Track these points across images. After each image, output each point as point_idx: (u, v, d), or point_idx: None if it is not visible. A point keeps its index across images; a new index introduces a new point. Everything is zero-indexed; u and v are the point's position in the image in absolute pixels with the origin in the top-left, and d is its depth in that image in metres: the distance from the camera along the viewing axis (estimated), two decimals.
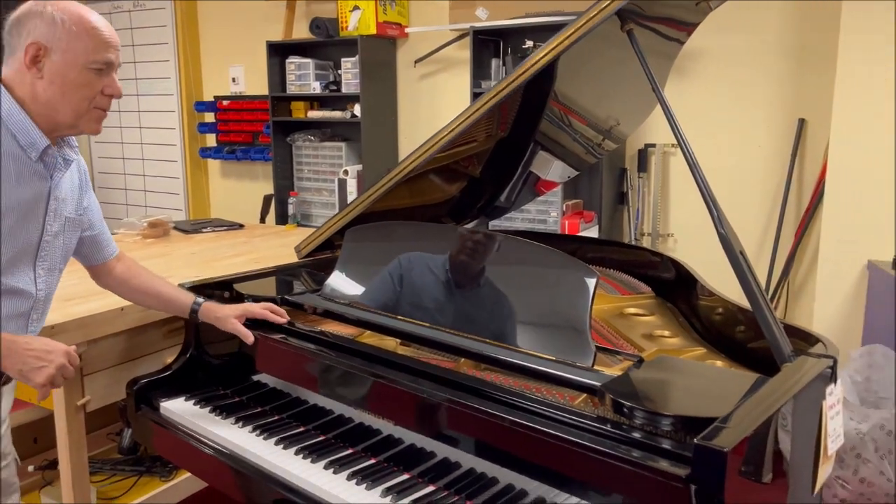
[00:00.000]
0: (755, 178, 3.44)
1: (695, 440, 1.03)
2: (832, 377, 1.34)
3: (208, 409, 1.81)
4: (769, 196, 3.42)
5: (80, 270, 1.82)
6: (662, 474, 1.09)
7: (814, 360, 1.35)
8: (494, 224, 3.04)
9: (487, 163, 2.32)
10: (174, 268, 2.63)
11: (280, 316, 1.78)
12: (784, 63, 3.29)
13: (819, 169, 3.21)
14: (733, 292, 1.68)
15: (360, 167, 4.36)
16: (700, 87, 3.50)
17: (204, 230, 3.48)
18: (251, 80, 5.07)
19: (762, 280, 3.37)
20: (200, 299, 1.81)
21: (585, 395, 1.36)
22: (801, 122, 3.27)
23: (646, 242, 3.73)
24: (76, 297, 2.12)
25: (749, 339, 1.72)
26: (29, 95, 1.45)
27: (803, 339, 1.53)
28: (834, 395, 1.32)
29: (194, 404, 1.84)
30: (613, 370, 1.41)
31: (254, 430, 1.68)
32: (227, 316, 1.76)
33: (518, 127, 2.17)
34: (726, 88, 3.44)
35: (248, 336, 1.73)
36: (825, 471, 1.34)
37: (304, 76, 4.50)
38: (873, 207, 2.72)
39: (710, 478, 1.02)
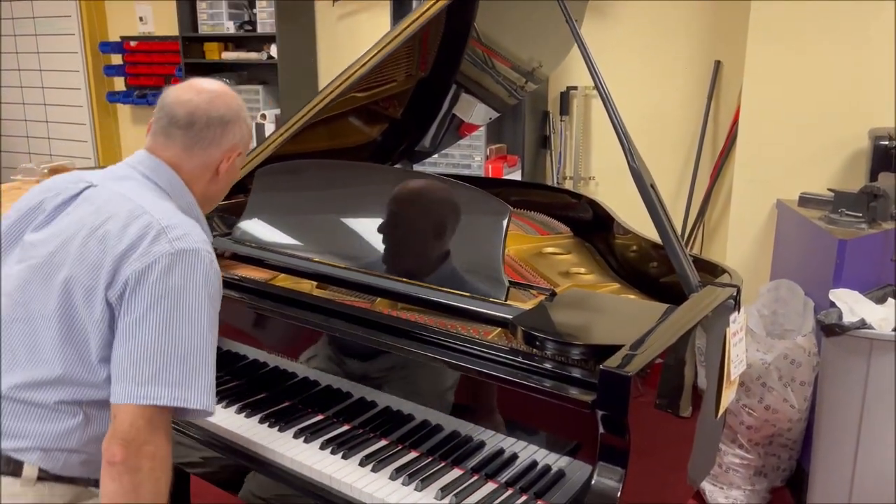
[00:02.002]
0: (673, 119, 3.49)
1: (600, 366, 1.04)
2: (735, 305, 1.38)
3: None
4: (687, 138, 3.48)
5: None
6: (570, 401, 1.10)
7: (719, 290, 1.39)
8: (417, 168, 2.99)
9: (409, 105, 2.27)
10: None
11: None
12: (701, 4, 3.32)
13: (734, 110, 3.29)
14: (652, 231, 1.71)
15: (278, 111, 4.22)
16: (620, 29, 3.50)
17: None
18: (160, 19, 4.79)
19: (680, 221, 3.47)
20: None
21: (499, 329, 1.36)
22: (717, 63, 3.33)
23: (568, 186, 3.76)
24: None
25: (661, 274, 1.76)
26: (201, 192, 1.33)
27: (710, 272, 1.57)
28: (737, 323, 1.36)
29: None
30: (526, 304, 1.42)
31: None
32: None
33: (439, 67, 2.13)
34: (645, 30, 3.46)
35: None
36: (728, 395, 1.39)
37: (216, 15, 4.28)
38: (783, 148, 2.80)
39: (614, 402, 1.03)
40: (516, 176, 3.69)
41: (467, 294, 1.44)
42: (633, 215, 2.01)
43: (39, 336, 1.15)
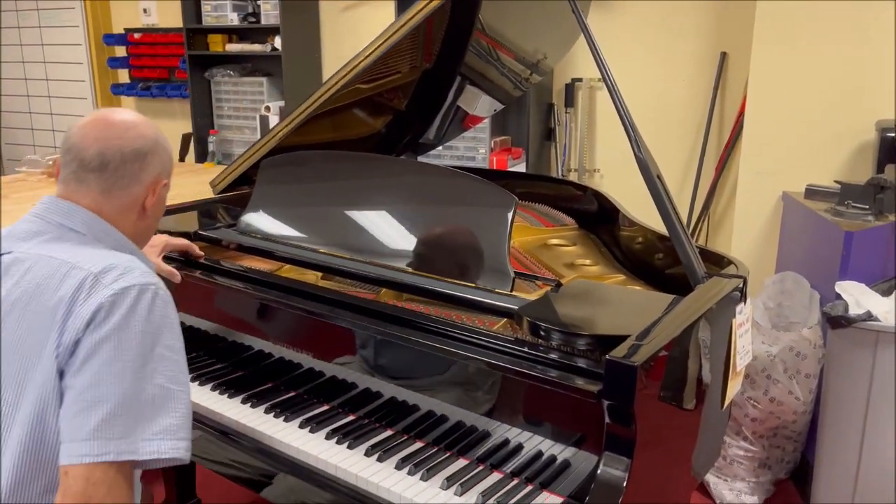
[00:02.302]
0: (679, 111, 3.48)
1: (606, 356, 1.04)
2: (742, 296, 1.38)
3: None
4: (692, 130, 3.47)
5: None
6: (576, 391, 1.10)
7: (725, 281, 1.39)
8: (422, 160, 2.99)
9: (413, 96, 2.26)
10: None
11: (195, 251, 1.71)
12: None
13: (739, 102, 3.27)
14: (657, 224, 1.70)
15: (282, 103, 4.21)
16: (625, 20, 3.48)
17: None
18: (164, 11, 4.78)
19: (685, 213, 3.46)
20: None
21: (505, 319, 1.36)
22: (723, 55, 3.31)
23: (573, 178, 3.75)
24: None
25: (667, 265, 1.76)
26: (130, 232, 1.23)
27: (716, 263, 1.57)
28: (743, 314, 1.36)
29: None
30: (532, 295, 1.41)
31: None
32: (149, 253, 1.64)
33: (444, 59, 2.12)
34: (651, 21, 3.44)
35: (175, 275, 1.59)
36: (734, 386, 1.38)
37: (220, 7, 4.27)
38: (788, 140, 2.79)
39: (620, 392, 1.03)
40: (521, 168, 3.68)
41: (472, 285, 1.44)
42: (637, 207, 2.01)
43: (10, 431, 1.04)
